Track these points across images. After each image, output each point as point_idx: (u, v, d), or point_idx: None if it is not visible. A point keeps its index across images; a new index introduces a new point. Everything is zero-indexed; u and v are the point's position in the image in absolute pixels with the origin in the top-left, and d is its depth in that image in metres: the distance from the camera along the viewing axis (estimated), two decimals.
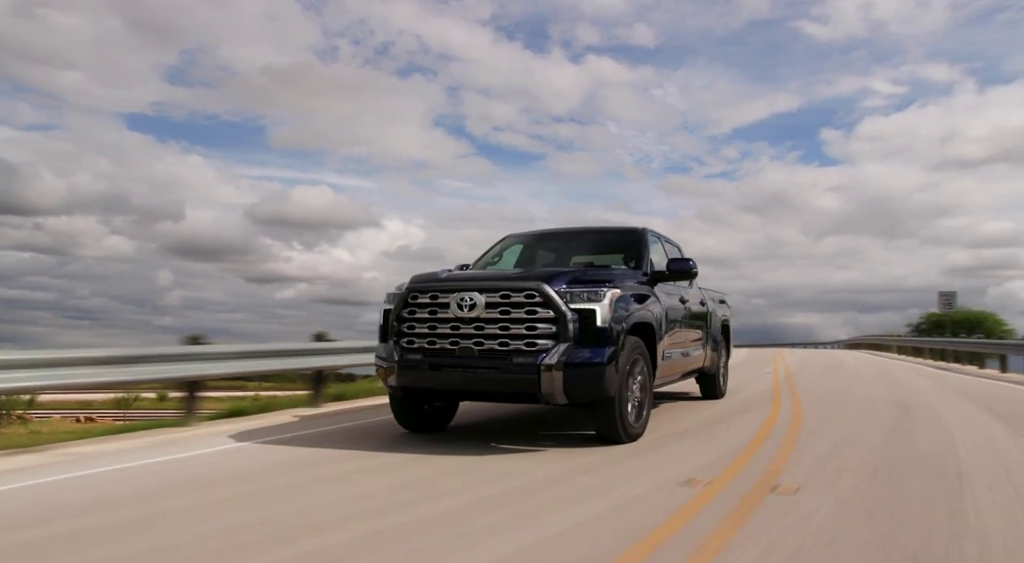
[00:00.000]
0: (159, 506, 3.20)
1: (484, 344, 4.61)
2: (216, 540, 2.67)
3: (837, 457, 4.30)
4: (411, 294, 4.92)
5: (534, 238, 6.81)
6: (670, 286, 6.11)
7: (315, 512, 3.05)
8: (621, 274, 5.26)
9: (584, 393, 4.53)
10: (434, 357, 4.77)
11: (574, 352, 4.45)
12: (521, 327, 4.54)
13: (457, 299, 4.70)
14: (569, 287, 4.59)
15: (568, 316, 4.48)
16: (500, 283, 4.71)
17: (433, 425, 5.54)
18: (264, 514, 3.03)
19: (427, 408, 5.50)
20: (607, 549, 2.49)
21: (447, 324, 4.74)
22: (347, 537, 2.68)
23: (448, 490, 3.48)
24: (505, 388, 4.58)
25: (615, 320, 4.62)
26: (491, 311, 4.61)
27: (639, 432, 4.98)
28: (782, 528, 2.73)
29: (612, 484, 3.57)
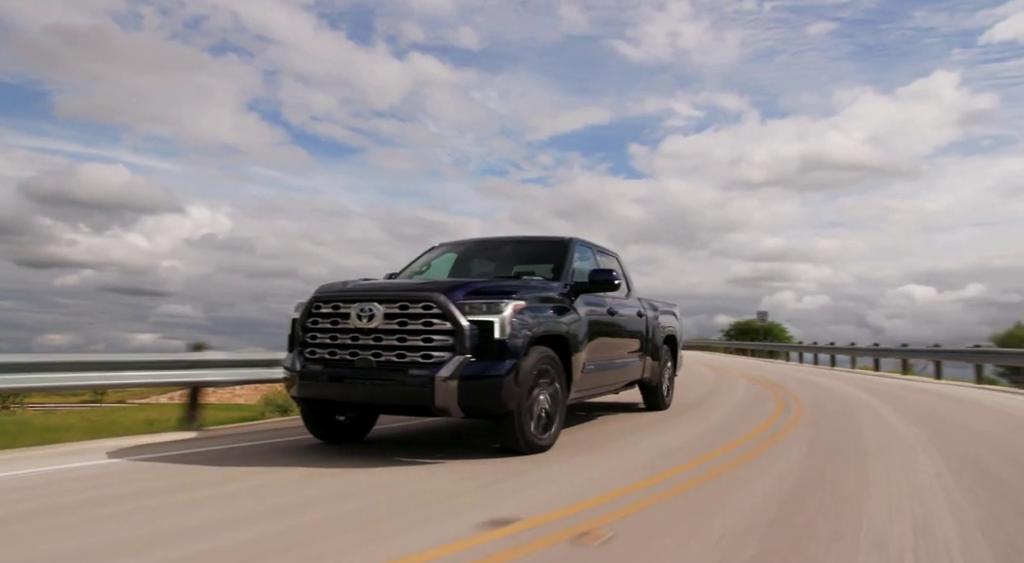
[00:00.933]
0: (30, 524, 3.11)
1: (382, 355, 4.55)
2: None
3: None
4: (314, 304, 4.86)
5: (468, 247, 6.76)
6: (597, 297, 6.05)
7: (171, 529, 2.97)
8: (532, 285, 5.19)
9: (480, 406, 4.47)
10: (334, 368, 4.70)
11: (470, 365, 4.39)
12: (418, 339, 4.48)
13: (357, 309, 4.64)
14: (468, 299, 4.53)
15: (465, 328, 4.42)
16: (399, 293, 4.65)
17: (348, 436, 5.46)
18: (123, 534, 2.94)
19: (342, 419, 5.44)
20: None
21: (347, 335, 4.68)
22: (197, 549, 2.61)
23: (289, 505, 3.40)
24: (401, 401, 4.51)
25: (516, 332, 4.56)
26: (389, 322, 4.55)
27: (546, 444, 4.90)
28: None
29: (484, 500, 3.50)
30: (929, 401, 9.88)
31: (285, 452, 4.94)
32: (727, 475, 4.17)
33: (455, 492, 3.69)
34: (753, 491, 3.72)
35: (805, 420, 7.00)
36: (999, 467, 4.66)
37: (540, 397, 4.88)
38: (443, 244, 6.89)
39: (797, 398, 9.56)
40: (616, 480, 3.99)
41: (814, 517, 3.22)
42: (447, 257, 6.65)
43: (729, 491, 3.73)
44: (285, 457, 4.73)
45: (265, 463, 4.51)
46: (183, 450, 5.06)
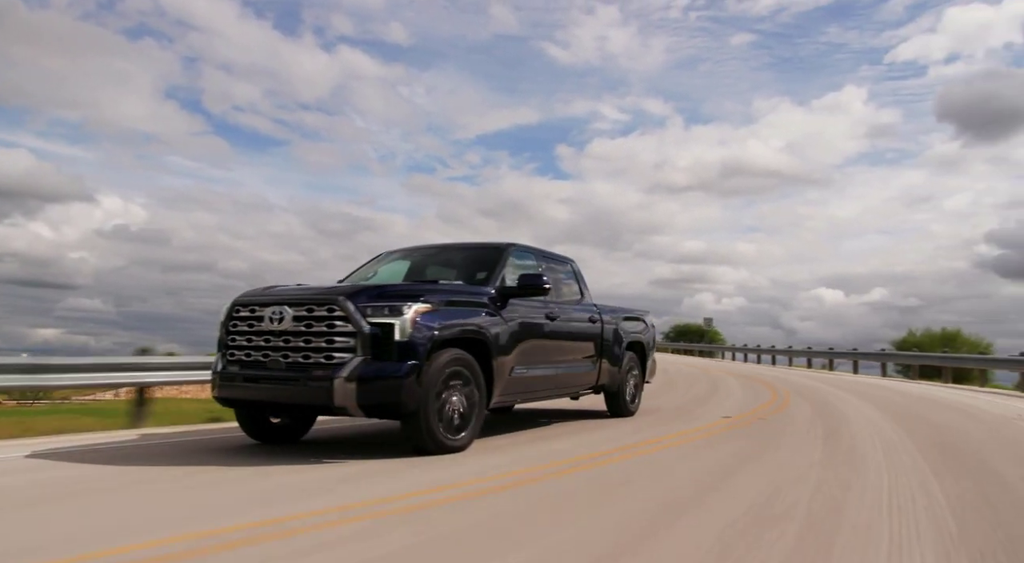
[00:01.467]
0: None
1: (290, 357, 4.71)
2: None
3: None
4: (235, 308, 5.07)
5: (411, 254, 6.90)
6: (532, 301, 6.10)
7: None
8: (447, 289, 5.29)
9: (379, 406, 4.57)
10: (249, 369, 4.89)
11: (369, 366, 4.50)
12: (322, 340, 4.63)
13: (270, 312, 4.82)
14: (370, 301, 4.66)
15: (366, 330, 4.55)
16: (306, 297, 4.81)
17: (284, 436, 5.63)
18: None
19: (277, 421, 5.62)
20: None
21: (261, 337, 4.86)
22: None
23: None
24: (304, 400, 4.65)
25: (419, 334, 4.66)
26: (297, 324, 4.72)
27: (458, 445, 4.96)
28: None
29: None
30: (858, 387, 14.41)
31: (203, 452, 5.12)
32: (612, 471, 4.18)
33: (316, 486, 3.82)
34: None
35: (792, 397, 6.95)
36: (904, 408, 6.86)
37: (453, 398, 4.95)
38: (391, 252, 7.05)
39: (768, 384, 9.46)
40: (476, 474, 4.06)
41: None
42: (393, 265, 6.80)
43: (602, 498, 3.75)
44: (195, 457, 4.91)
45: (158, 462, 4.70)
46: (103, 450, 5.29)
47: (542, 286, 5.80)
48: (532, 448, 5.38)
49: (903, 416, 8.19)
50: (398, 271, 6.65)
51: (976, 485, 4.16)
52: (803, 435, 6.19)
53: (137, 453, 5.04)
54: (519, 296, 5.84)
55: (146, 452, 5.10)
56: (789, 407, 9.02)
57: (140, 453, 5.04)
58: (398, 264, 6.78)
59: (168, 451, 5.13)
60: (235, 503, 3.46)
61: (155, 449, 5.25)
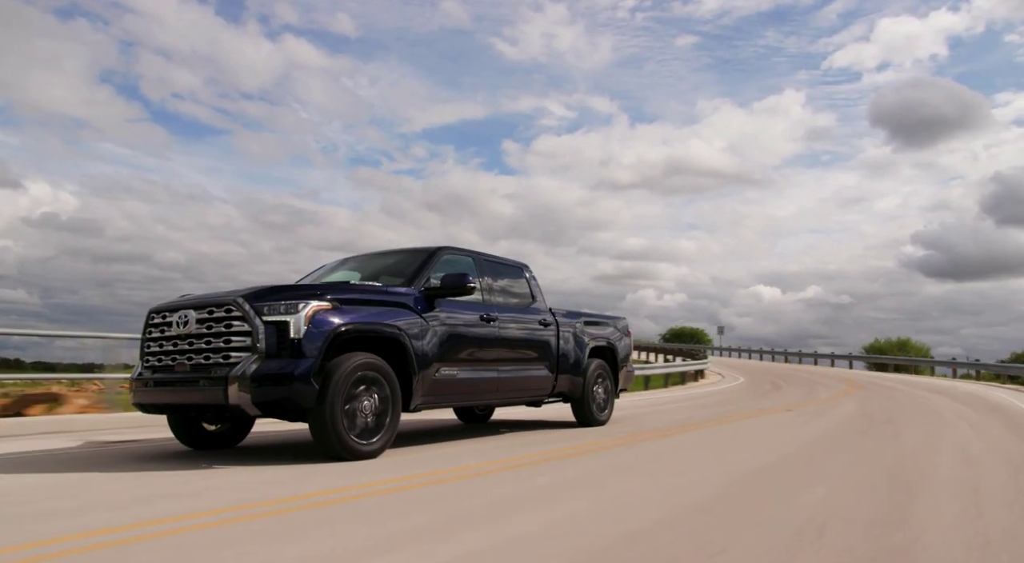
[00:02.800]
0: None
1: (194, 359, 4.72)
2: None
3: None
4: (150, 316, 5.13)
5: (353, 260, 6.89)
6: (464, 303, 5.98)
7: None
8: (358, 288, 5.25)
9: (274, 405, 4.52)
10: (159, 373, 4.92)
11: (263, 363, 4.47)
12: (220, 341, 4.63)
13: (177, 317, 4.86)
14: (268, 300, 4.65)
15: (260, 328, 4.53)
16: (207, 300, 4.83)
17: (218, 442, 5.63)
18: None
19: (213, 428, 5.63)
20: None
21: (170, 341, 4.90)
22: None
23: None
24: (203, 400, 4.63)
25: (316, 332, 4.60)
26: (200, 327, 4.73)
27: (370, 450, 4.83)
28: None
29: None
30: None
31: (125, 460, 5.15)
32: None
33: (195, 486, 3.77)
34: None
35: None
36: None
37: (364, 402, 4.86)
38: (339, 261, 7.06)
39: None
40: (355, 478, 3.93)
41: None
42: (341, 272, 6.80)
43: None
44: (113, 464, 4.94)
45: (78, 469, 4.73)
46: (29, 458, 5.37)
47: (465, 285, 5.68)
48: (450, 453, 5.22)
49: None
50: (345, 278, 6.64)
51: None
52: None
53: (52, 460, 5.10)
54: (443, 296, 5.74)
55: (58, 459, 5.15)
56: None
57: (54, 460, 5.10)
58: (343, 272, 6.77)
59: (83, 458, 5.17)
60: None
61: (74, 456, 5.30)
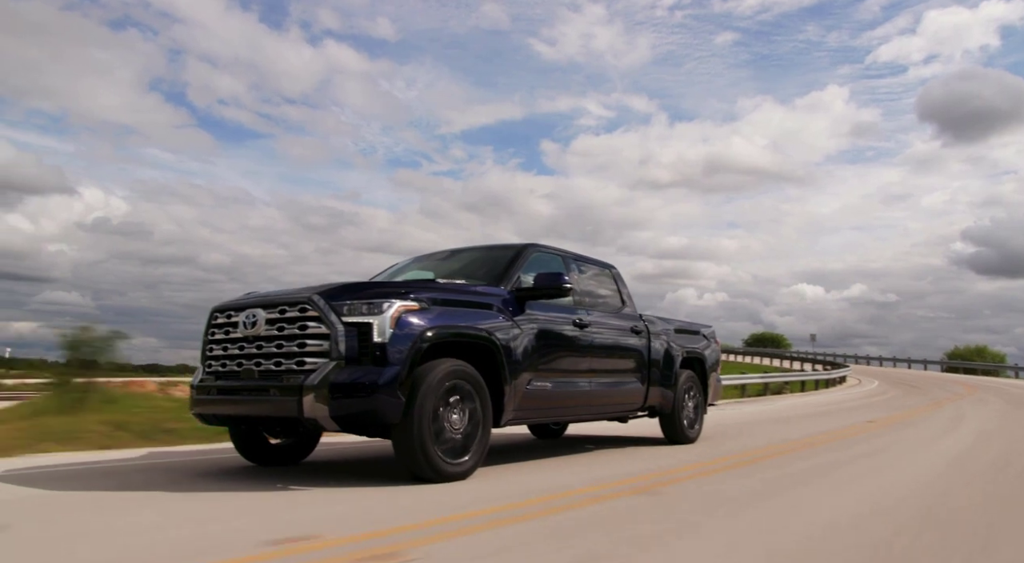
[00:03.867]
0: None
1: (262, 364, 4.15)
2: None
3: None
4: (213, 315, 4.60)
5: (426, 259, 6.30)
6: (556, 306, 5.33)
7: None
8: (444, 287, 4.61)
9: (354, 419, 3.92)
10: (223, 380, 4.37)
11: (342, 371, 3.87)
12: (294, 344, 4.05)
13: (243, 317, 4.31)
14: (348, 299, 4.06)
15: (340, 331, 3.93)
16: (278, 298, 4.26)
17: (283, 457, 5.08)
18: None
19: (277, 441, 5.09)
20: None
21: (236, 344, 4.35)
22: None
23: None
24: (273, 412, 4.04)
25: (402, 336, 3.99)
26: (270, 328, 4.17)
27: (457, 471, 4.20)
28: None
29: None
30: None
31: (189, 476, 4.62)
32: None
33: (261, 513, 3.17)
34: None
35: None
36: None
37: (452, 417, 4.24)
38: (409, 259, 6.48)
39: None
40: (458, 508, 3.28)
41: None
42: (414, 271, 6.21)
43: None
44: (177, 483, 4.40)
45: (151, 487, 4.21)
46: (85, 470, 4.88)
47: (561, 286, 5.02)
48: (539, 477, 4.56)
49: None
50: (417, 277, 6.04)
51: None
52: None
53: (117, 473, 4.60)
54: (535, 298, 5.08)
55: (127, 473, 4.64)
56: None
57: (120, 473, 4.60)
58: (418, 271, 6.17)
59: (149, 472, 4.66)
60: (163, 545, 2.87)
61: (141, 469, 4.80)
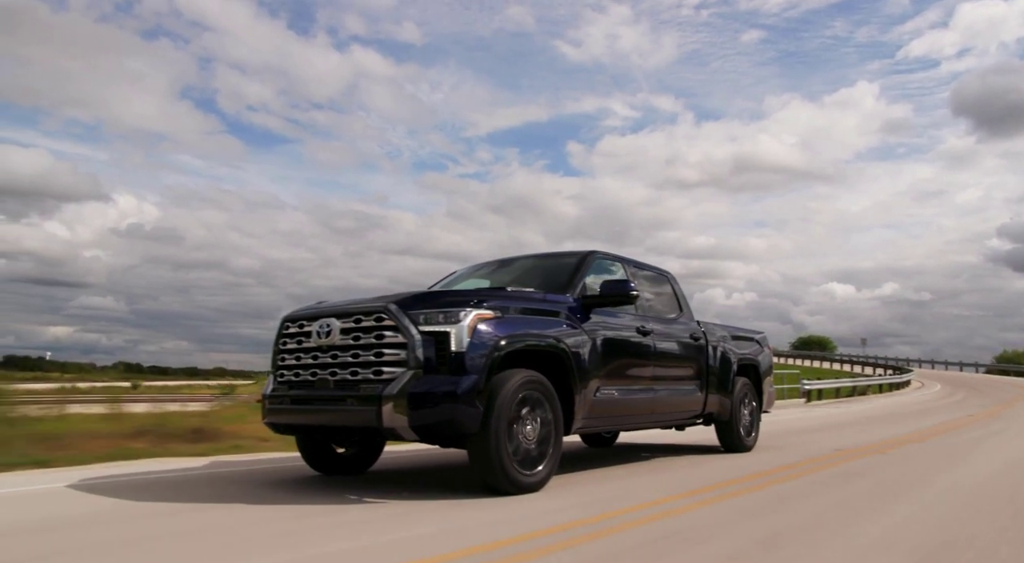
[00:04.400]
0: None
1: (338, 374, 4.14)
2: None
3: None
4: (284, 324, 4.60)
5: (486, 268, 6.27)
6: (621, 313, 5.29)
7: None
8: (516, 295, 4.57)
9: (433, 429, 3.88)
10: (297, 390, 4.37)
11: (421, 381, 3.85)
12: (370, 354, 4.03)
13: (317, 326, 4.30)
14: (424, 308, 4.04)
15: (417, 340, 3.91)
16: (353, 307, 4.25)
17: (348, 468, 5.08)
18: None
19: (342, 450, 5.09)
20: None
21: (309, 354, 4.34)
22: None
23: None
24: (350, 422, 4.02)
25: (480, 345, 3.96)
26: (345, 337, 4.15)
27: (531, 481, 4.15)
28: None
29: None
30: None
31: (254, 485, 4.62)
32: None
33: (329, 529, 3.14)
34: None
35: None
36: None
37: (526, 426, 4.19)
38: (466, 268, 6.47)
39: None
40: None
41: None
42: (471, 280, 6.19)
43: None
44: (243, 493, 4.41)
45: (218, 499, 4.22)
46: (151, 480, 4.90)
47: (628, 293, 4.97)
48: (611, 487, 4.50)
49: None
50: (476, 285, 6.02)
51: None
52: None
53: (184, 484, 4.62)
54: (602, 305, 5.04)
55: (193, 484, 4.67)
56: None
57: (187, 484, 4.62)
58: (476, 279, 6.16)
59: (216, 484, 4.67)
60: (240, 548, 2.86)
61: (206, 480, 4.82)
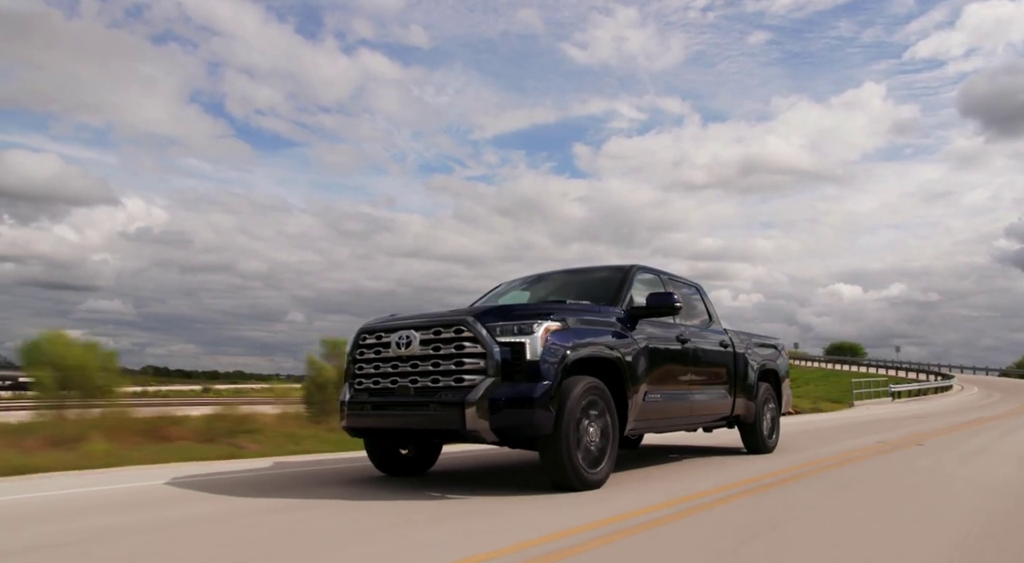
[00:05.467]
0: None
1: (419, 382, 4.52)
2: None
3: None
4: (361, 336, 4.97)
5: (530, 281, 6.67)
6: (663, 323, 5.71)
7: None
8: (576, 308, 4.97)
9: (512, 431, 4.27)
10: (377, 397, 4.74)
11: (500, 387, 4.23)
12: (450, 363, 4.42)
13: (396, 338, 4.68)
14: (499, 321, 4.43)
15: (495, 350, 4.29)
16: (433, 320, 4.63)
17: (410, 468, 5.44)
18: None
19: (405, 452, 5.45)
20: None
21: (388, 363, 4.72)
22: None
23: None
24: (434, 425, 4.41)
25: (551, 354, 4.36)
26: (425, 348, 4.53)
27: (596, 479, 4.54)
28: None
29: None
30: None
31: (328, 484, 4.98)
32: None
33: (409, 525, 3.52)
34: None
35: None
36: None
37: (589, 429, 4.58)
38: (510, 281, 6.86)
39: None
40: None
41: None
42: (512, 293, 6.59)
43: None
44: (317, 489, 4.76)
45: (299, 494, 4.57)
46: (238, 476, 5.23)
47: (673, 305, 5.39)
48: (672, 483, 4.89)
49: None
50: (519, 300, 6.42)
51: None
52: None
53: (265, 483, 4.96)
54: (647, 316, 5.45)
55: (276, 483, 5.01)
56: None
57: (268, 483, 4.96)
58: (518, 293, 6.56)
59: (284, 483, 5.02)
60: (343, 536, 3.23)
61: (274, 480, 5.16)
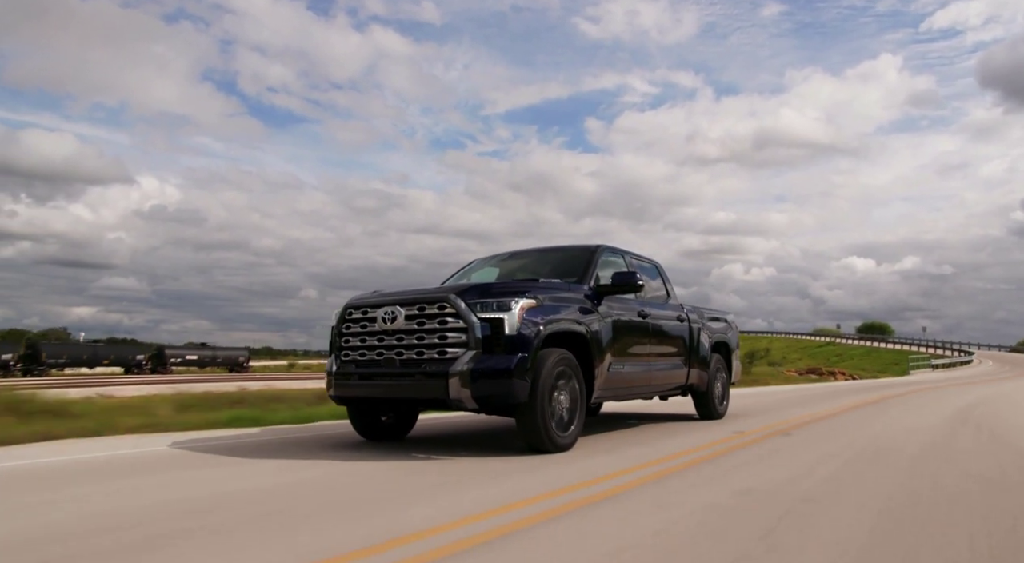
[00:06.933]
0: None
1: (404, 354, 4.90)
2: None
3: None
4: (347, 311, 5.31)
5: (501, 259, 7.06)
6: (625, 300, 6.18)
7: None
8: (548, 286, 5.40)
9: (492, 400, 4.69)
10: (364, 368, 5.10)
11: (481, 359, 4.65)
12: (434, 337, 4.80)
13: (382, 313, 5.03)
14: (479, 298, 4.82)
15: (476, 325, 4.69)
16: (417, 296, 5.00)
17: (389, 434, 5.83)
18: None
19: (385, 419, 5.83)
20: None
21: (375, 337, 5.08)
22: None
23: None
24: (420, 394, 4.82)
25: (526, 329, 4.78)
26: (410, 323, 4.91)
27: (566, 442, 5.03)
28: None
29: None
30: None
31: (316, 447, 5.34)
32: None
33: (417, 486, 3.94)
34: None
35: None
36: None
37: (560, 397, 5.04)
38: (483, 258, 7.24)
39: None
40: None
41: None
42: (484, 270, 6.97)
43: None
44: (308, 452, 5.13)
45: (288, 456, 4.93)
46: (235, 441, 5.54)
47: (635, 283, 5.86)
48: (637, 449, 5.42)
49: None
50: (490, 276, 6.81)
51: None
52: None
53: (266, 448, 5.29)
54: (612, 294, 5.92)
55: (275, 448, 5.34)
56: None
57: (268, 448, 5.29)
58: (488, 270, 6.94)
59: (276, 446, 5.36)
60: (341, 507, 3.62)
61: (263, 445, 5.49)
